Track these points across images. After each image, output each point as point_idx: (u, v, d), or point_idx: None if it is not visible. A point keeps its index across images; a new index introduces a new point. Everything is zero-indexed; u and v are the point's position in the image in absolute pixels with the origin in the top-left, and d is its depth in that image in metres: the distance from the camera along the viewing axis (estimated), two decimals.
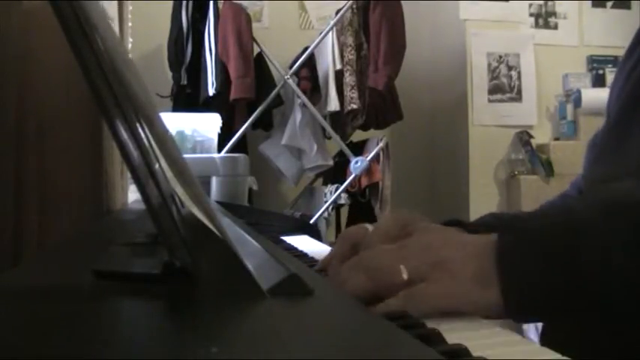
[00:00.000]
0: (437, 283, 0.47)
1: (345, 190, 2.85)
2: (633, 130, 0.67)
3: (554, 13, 3.51)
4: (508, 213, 0.83)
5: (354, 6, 2.92)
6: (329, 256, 0.67)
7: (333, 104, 2.86)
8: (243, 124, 2.83)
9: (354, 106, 2.84)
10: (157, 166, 0.36)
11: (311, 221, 2.59)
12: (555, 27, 3.51)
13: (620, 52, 0.78)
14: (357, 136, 3.13)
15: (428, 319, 0.45)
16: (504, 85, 3.38)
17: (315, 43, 2.91)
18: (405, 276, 0.47)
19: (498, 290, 0.47)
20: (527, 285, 0.47)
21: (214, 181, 1.71)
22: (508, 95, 3.38)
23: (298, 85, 2.90)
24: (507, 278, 0.47)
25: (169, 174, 0.39)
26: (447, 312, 0.46)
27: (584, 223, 0.48)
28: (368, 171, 2.86)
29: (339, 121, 2.96)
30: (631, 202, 0.49)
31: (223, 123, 2.21)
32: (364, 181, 2.88)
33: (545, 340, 0.66)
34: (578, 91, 3.24)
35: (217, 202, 1.47)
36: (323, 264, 0.66)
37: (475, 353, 0.37)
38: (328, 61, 2.90)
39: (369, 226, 0.63)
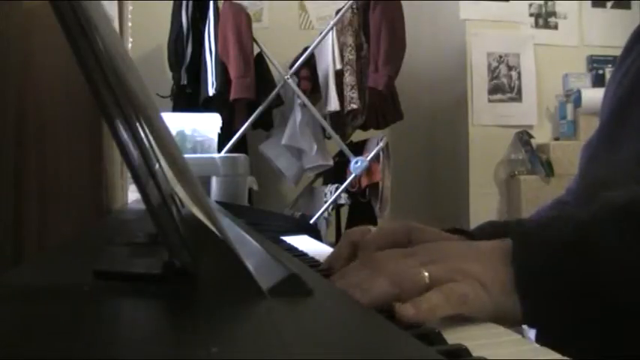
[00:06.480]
0: (471, 287, 0.47)
1: (345, 190, 2.85)
2: (626, 130, 0.67)
3: (554, 13, 3.51)
4: (509, 222, 0.84)
5: (354, 6, 2.92)
6: (332, 255, 0.67)
7: (333, 104, 2.85)
8: (243, 124, 2.83)
9: (354, 106, 2.84)
10: (157, 166, 0.36)
11: (311, 221, 2.59)
12: (555, 27, 3.50)
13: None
14: (357, 136, 3.13)
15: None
16: (504, 85, 3.38)
17: (315, 43, 2.91)
18: (427, 280, 0.47)
19: (519, 303, 0.48)
20: (545, 303, 0.48)
21: (214, 181, 1.71)
22: (508, 95, 3.38)
23: (298, 85, 2.90)
24: (526, 293, 0.48)
25: (169, 174, 0.39)
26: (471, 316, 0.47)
27: (594, 232, 0.48)
28: (368, 171, 2.86)
29: (339, 121, 2.96)
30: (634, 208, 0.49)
31: (223, 123, 2.21)
32: (364, 181, 2.88)
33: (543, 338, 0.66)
34: (578, 91, 3.24)
35: (217, 202, 1.47)
36: (327, 263, 0.66)
37: (475, 353, 0.37)
38: (328, 61, 2.90)
39: (373, 228, 0.63)
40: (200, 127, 2.09)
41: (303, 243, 0.89)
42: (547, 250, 0.48)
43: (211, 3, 2.89)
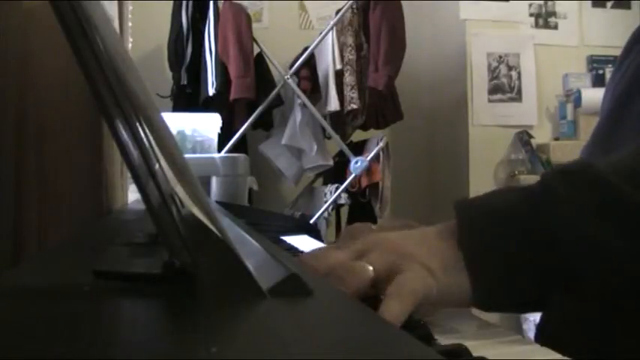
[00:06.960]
0: (416, 274, 0.46)
1: (345, 190, 2.85)
2: (624, 129, 0.67)
3: (554, 13, 3.51)
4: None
5: (354, 6, 2.92)
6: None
7: (333, 104, 2.85)
8: (243, 124, 2.83)
9: (354, 106, 2.84)
10: (157, 166, 0.36)
11: (311, 221, 2.59)
12: (555, 27, 3.50)
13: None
14: (357, 136, 3.13)
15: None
16: (504, 85, 3.38)
17: (315, 43, 2.91)
18: (371, 273, 0.47)
19: (467, 280, 0.47)
20: (492, 272, 0.47)
21: (214, 181, 1.71)
22: (508, 95, 3.38)
23: (298, 85, 2.89)
24: (473, 268, 0.47)
25: (169, 174, 0.39)
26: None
27: (538, 194, 0.48)
28: (368, 171, 2.86)
29: (339, 121, 2.96)
30: (583, 168, 0.49)
31: (223, 123, 2.21)
32: (364, 181, 2.88)
33: (543, 334, 0.66)
34: (578, 91, 3.24)
35: (217, 202, 1.47)
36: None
37: (475, 353, 0.37)
38: (328, 61, 2.90)
39: (374, 226, 0.63)
40: (200, 127, 2.09)
41: (303, 243, 0.89)
42: (490, 218, 0.47)
43: (211, 3, 2.89)
